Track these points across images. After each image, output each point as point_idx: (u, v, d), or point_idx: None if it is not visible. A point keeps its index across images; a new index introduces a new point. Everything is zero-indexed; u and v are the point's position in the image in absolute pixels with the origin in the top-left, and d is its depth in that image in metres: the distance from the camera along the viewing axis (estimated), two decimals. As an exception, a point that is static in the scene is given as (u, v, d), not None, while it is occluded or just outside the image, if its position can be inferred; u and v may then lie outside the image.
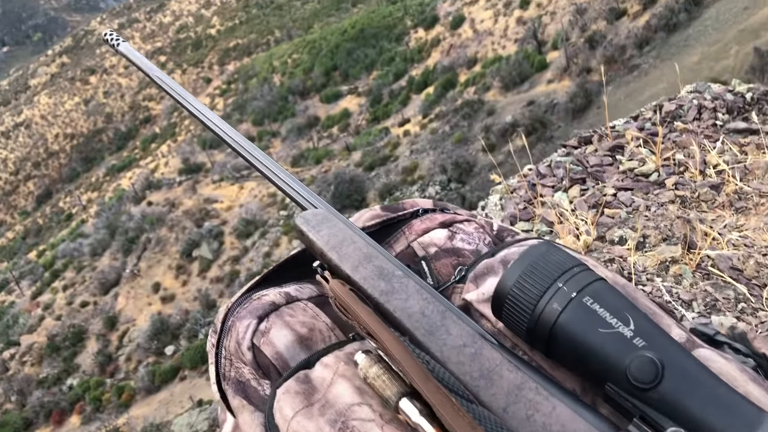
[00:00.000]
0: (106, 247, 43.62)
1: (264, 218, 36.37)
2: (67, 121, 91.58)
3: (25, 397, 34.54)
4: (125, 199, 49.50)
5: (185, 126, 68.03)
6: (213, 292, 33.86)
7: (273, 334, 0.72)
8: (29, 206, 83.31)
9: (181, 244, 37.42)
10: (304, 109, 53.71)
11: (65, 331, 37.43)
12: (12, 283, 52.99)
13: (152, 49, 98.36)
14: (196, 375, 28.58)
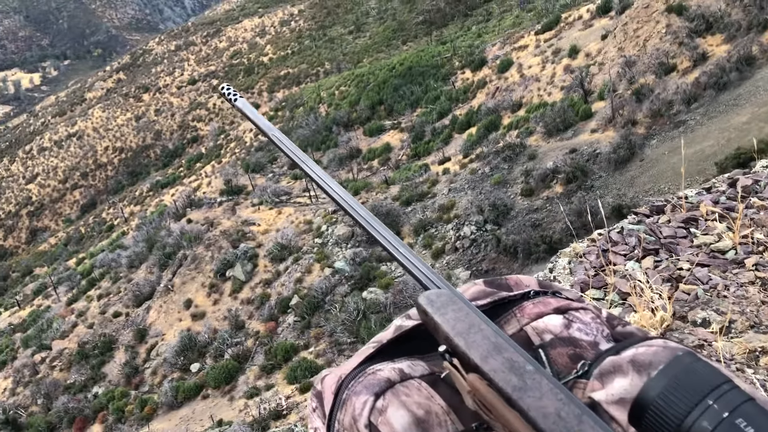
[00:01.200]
0: (144, 260, 44.47)
1: (299, 244, 36.74)
2: (118, 135, 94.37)
3: (51, 402, 35.09)
4: (166, 215, 50.54)
5: (230, 148, 69.47)
6: (243, 313, 34.16)
7: (390, 413, 0.71)
8: (73, 214, 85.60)
9: (216, 263, 37.95)
10: (347, 140, 54.45)
11: (96, 340, 38.09)
12: (50, 288, 54.27)
13: (206, 72, 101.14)
14: (218, 395, 28.73)
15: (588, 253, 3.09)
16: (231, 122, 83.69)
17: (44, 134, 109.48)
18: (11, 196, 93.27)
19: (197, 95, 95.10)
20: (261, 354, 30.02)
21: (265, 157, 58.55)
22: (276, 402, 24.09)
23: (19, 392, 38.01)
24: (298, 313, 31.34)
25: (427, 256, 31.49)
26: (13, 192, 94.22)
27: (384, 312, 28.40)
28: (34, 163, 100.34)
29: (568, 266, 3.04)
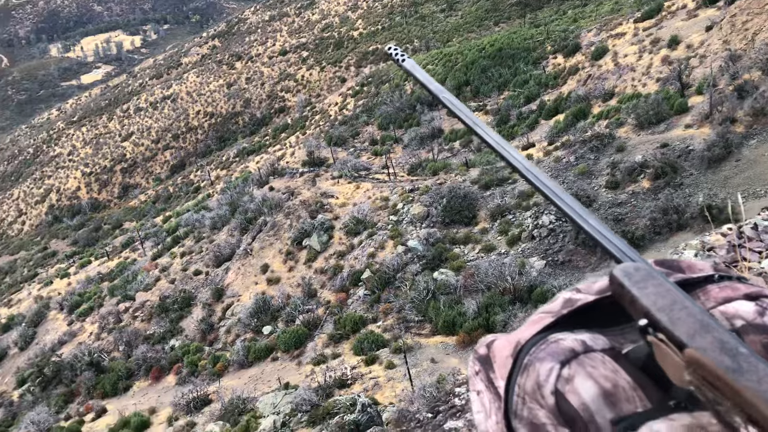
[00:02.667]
0: (226, 223, 46.06)
1: (374, 220, 37.10)
2: (209, 100, 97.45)
3: (131, 349, 37.14)
4: (250, 181, 52.03)
5: (315, 121, 70.56)
6: (316, 282, 34.93)
7: (578, 383, 0.72)
8: (163, 174, 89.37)
9: (294, 231, 38.87)
10: (429, 119, 54.24)
11: (176, 295, 39.90)
12: (137, 243, 57.11)
13: (296, 44, 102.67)
14: (287, 359, 29.61)
15: (718, 247, 2.95)
16: (317, 95, 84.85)
17: (141, 95, 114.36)
18: (107, 152, 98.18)
19: (287, 66, 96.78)
20: (330, 323, 30.69)
21: (348, 131, 59.17)
22: (341, 371, 24.63)
23: (103, 338, 40.39)
24: (368, 287, 31.78)
25: (502, 242, 31.18)
26: (109, 148, 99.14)
27: (453, 294, 28.41)
28: (130, 122, 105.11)
29: (695, 259, 2.89)
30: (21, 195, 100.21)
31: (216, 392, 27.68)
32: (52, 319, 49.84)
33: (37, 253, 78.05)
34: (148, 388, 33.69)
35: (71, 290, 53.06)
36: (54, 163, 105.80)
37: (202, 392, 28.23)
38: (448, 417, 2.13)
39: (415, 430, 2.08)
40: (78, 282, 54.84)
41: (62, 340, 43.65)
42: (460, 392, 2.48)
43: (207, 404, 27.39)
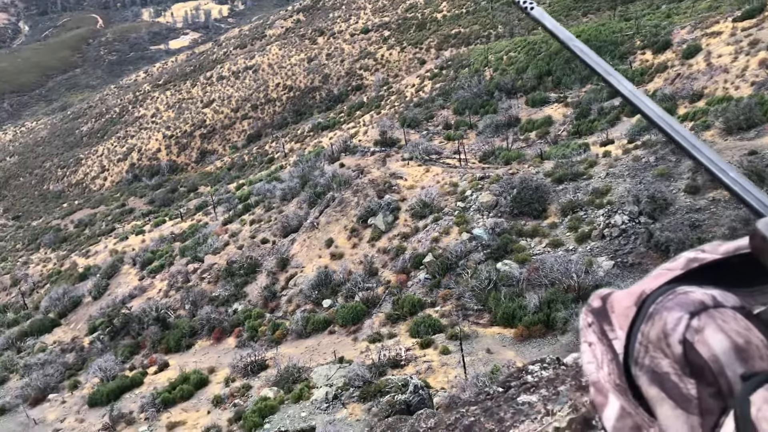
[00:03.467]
0: (295, 195, 46.86)
1: (441, 205, 36.95)
2: (290, 73, 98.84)
3: (196, 309, 38.46)
4: (322, 156, 52.66)
5: (390, 101, 70.56)
6: (378, 261, 35.16)
7: (708, 334, 0.70)
8: (240, 142, 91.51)
9: (360, 209, 39.18)
10: (507, 107, 53.35)
11: (243, 261, 40.99)
12: (210, 207, 58.85)
13: (379, 23, 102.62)
14: (344, 333, 30.03)
15: None
16: (395, 75, 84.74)
17: (224, 64, 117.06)
18: (189, 117, 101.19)
19: (368, 44, 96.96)
20: (389, 303, 30.89)
21: (422, 114, 58.91)
22: (396, 351, 24.81)
23: (171, 295, 41.98)
24: (429, 271, 31.76)
25: (570, 238, 30.52)
26: (190, 113, 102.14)
27: (515, 287, 28.06)
28: (212, 90, 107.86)
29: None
30: (105, 152, 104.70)
31: (273, 359, 28.39)
32: (124, 273, 52.13)
33: (116, 209, 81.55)
34: (209, 347, 34.87)
35: (145, 247, 55.28)
36: (138, 124, 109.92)
37: (260, 357, 29.01)
38: (521, 392, 2.13)
39: (485, 401, 2.08)
40: (152, 240, 57.07)
41: (133, 294, 45.64)
42: (533, 370, 2.46)
43: (263, 369, 28.14)
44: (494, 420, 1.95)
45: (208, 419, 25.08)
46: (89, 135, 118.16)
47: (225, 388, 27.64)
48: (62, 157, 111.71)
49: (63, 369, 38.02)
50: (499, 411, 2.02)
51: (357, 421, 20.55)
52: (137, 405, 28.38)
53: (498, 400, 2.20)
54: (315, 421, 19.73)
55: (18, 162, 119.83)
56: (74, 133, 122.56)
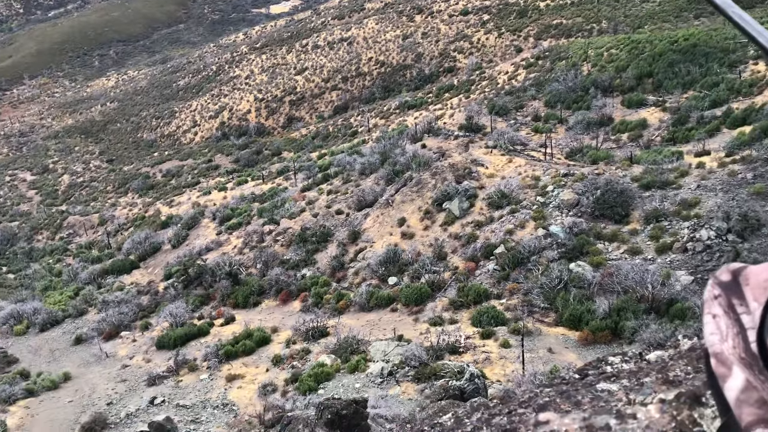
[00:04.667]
0: (374, 170, 47.13)
1: (519, 197, 36.32)
2: (383, 49, 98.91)
3: (267, 269, 39.49)
4: (405, 135, 52.64)
5: (481, 86, 69.60)
6: (448, 246, 35.02)
7: None
8: (326, 113, 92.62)
9: (437, 192, 39.02)
10: (601, 105, 51.64)
11: (316, 228, 41.69)
12: (291, 173, 60.02)
13: (479, 6, 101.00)
14: (405, 312, 30.16)
15: None
16: (489, 61, 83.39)
17: (321, 33, 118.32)
18: (280, 82, 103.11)
19: (465, 27, 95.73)
20: (454, 289, 30.76)
21: (512, 102, 57.84)
22: (456, 338, 24.73)
23: (245, 253, 43.24)
24: (499, 262, 31.38)
25: (650, 247, 29.44)
26: (283, 79, 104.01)
27: (586, 289, 27.36)
28: (306, 58, 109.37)
29: None
30: (198, 108, 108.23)
31: (334, 327, 28.87)
32: (203, 226, 54.03)
33: (202, 164, 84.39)
34: (274, 308, 35.81)
35: (225, 204, 57.07)
36: (232, 84, 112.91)
37: (322, 324, 29.56)
38: (600, 380, 2.08)
39: (560, 386, 2.04)
40: (232, 197, 58.84)
41: (209, 247, 47.30)
42: (613, 361, 2.40)
43: (324, 336, 28.68)
44: (571, 402, 1.90)
45: (265, 377, 25.82)
46: (185, 90, 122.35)
47: (285, 349, 28.34)
48: (158, 108, 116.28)
49: (137, 309, 39.97)
50: (577, 395, 1.96)
51: (409, 399, 20.67)
52: (201, 353, 29.51)
53: (575, 386, 2.14)
54: (368, 393, 19.97)
55: (117, 108, 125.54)
56: (171, 86, 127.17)
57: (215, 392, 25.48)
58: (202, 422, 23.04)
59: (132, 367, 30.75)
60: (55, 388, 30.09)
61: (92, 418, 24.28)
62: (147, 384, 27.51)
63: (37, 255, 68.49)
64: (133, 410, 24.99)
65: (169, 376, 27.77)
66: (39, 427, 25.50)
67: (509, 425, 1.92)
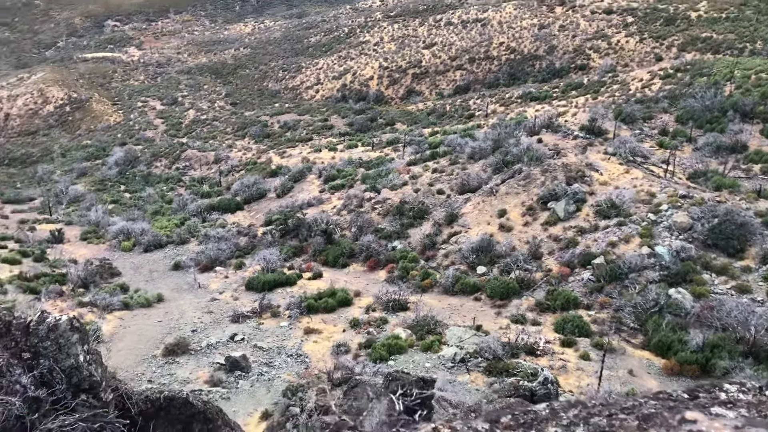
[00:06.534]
0: (483, 157, 46.52)
1: (630, 211, 34.80)
2: (517, 36, 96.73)
3: (360, 234, 40.09)
4: (522, 126, 51.53)
5: (611, 90, 66.82)
6: (545, 247, 34.19)
7: None
8: (447, 91, 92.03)
9: (544, 190, 38.06)
10: (737, 131, 48.33)
11: (415, 204, 41.80)
12: (400, 145, 60.29)
13: (625, 6, 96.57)
14: (488, 304, 29.83)
15: None
16: (625, 65, 79.79)
17: (457, 11, 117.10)
18: (407, 53, 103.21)
19: (606, 26, 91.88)
20: (543, 291, 30.08)
21: (641, 112, 55.19)
22: (535, 339, 24.25)
23: (342, 215, 44.07)
24: (595, 273, 30.33)
25: (762, 289, 27.51)
26: (410, 51, 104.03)
27: (682, 318, 26.00)
28: (437, 33, 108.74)
29: None
30: (324, 66, 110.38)
31: (415, 304, 29.01)
32: (309, 181, 55.47)
33: (318, 122, 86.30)
34: (361, 273, 36.40)
35: (333, 164, 58.24)
36: (360, 48, 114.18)
37: (404, 298, 29.78)
38: (714, 404, 1.97)
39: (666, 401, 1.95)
40: (340, 159, 59.94)
41: (310, 203, 48.56)
42: (729, 389, 2.27)
43: (403, 310, 28.89)
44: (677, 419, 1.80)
45: (341, 336, 26.39)
46: (315, 47, 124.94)
47: (364, 315, 28.80)
48: (286, 61, 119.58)
49: (234, 248, 41.77)
50: (685, 412, 1.85)
51: (477, 390, 20.53)
52: (285, 302, 30.50)
53: (685, 404, 2.03)
54: (437, 375, 19.98)
55: (249, 55, 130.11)
56: (303, 41, 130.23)
57: (291, 341, 26.32)
58: (275, 367, 23.90)
59: (220, 301, 32.24)
60: (149, 306, 32.10)
61: (176, 341, 25.73)
62: (231, 320, 28.78)
63: (154, 180, 72.81)
64: (214, 342, 26.26)
65: (252, 317, 28.93)
66: (128, 339, 27.32)
67: (608, 427, 1.84)
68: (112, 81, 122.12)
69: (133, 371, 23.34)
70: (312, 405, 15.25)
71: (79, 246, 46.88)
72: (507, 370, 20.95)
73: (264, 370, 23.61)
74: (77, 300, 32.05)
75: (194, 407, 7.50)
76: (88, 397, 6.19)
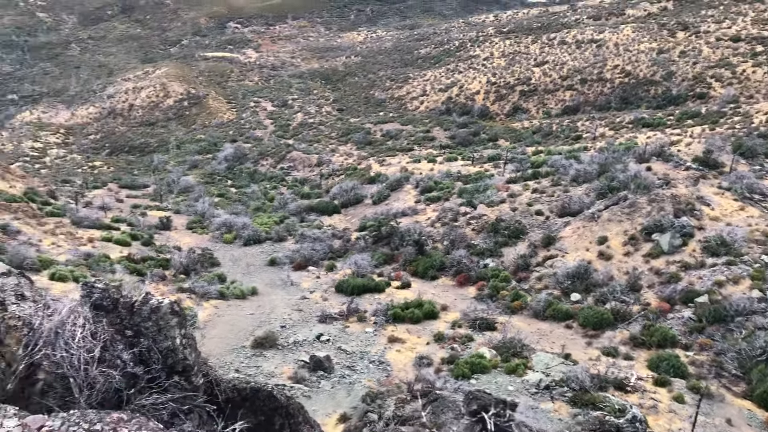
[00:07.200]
0: (587, 180, 45.17)
1: (742, 250, 32.72)
2: (633, 59, 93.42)
3: (452, 248, 39.85)
4: (631, 152, 49.62)
5: (732, 122, 63.25)
6: (644, 279, 32.68)
7: None
8: (555, 111, 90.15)
9: (649, 220, 36.45)
10: None
11: (511, 223, 41.12)
12: (501, 161, 59.56)
13: (756, 34, 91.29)
14: (579, 333, 28.85)
15: None
16: (750, 96, 75.31)
17: (571, 30, 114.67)
18: (516, 70, 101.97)
19: (732, 54, 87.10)
20: (639, 325, 28.75)
21: (764, 146, 51.81)
22: (626, 375, 23.21)
23: (436, 227, 44.00)
24: (697, 312, 28.68)
25: None
26: (520, 67, 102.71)
27: (791, 372, 24.08)
28: (549, 51, 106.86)
29: None
30: (431, 78, 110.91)
31: (503, 325, 28.48)
32: (405, 191, 55.82)
33: (420, 133, 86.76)
34: (449, 287, 36.16)
35: (431, 175, 58.32)
36: (469, 62, 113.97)
37: (491, 317, 29.31)
38: None
39: None
40: (439, 171, 59.95)
41: (405, 212, 48.81)
42: None
43: (490, 329, 28.42)
44: None
45: (424, 349, 26.29)
46: (424, 58, 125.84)
47: (449, 329, 28.57)
48: (394, 71, 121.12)
49: (327, 250, 42.62)
50: None
51: (559, 420, 19.88)
52: (372, 308, 30.76)
53: None
54: (519, 400, 19.49)
55: (359, 63, 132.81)
56: (412, 52, 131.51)
57: (375, 348, 26.48)
58: (357, 371, 24.12)
59: (309, 300, 32.94)
60: (243, 298, 33.26)
61: (265, 335, 26.49)
62: (318, 320, 29.33)
63: (258, 178, 75.60)
64: (301, 339, 26.84)
65: (338, 319, 29.36)
66: (221, 327, 28.41)
67: None
68: (229, 80, 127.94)
69: (222, 359, 24.21)
70: (390, 413, 15.25)
71: (184, 234, 49.33)
72: (593, 403, 20.16)
73: (346, 372, 23.88)
74: (178, 285, 33.68)
75: (278, 401, 7.67)
76: (181, 379, 6.47)
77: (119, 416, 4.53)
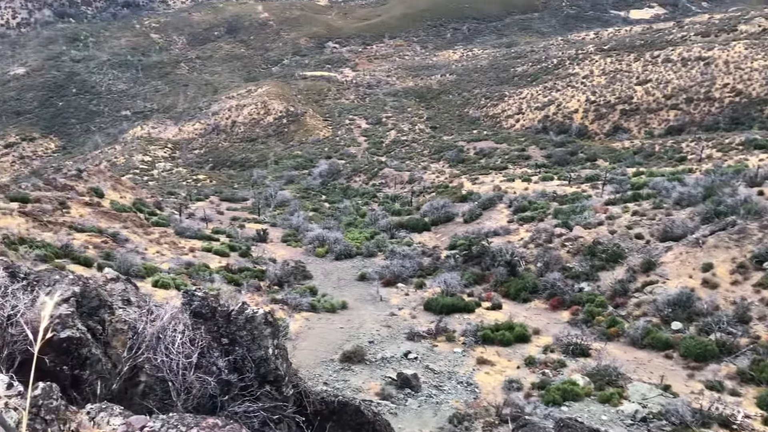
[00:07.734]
0: (692, 204, 43.02)
1: None
2: (745, 77, 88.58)
3: (546, 270, 38.85)
4: (741, 176, 46.90)
5: None
6: (754, 311, 30.57)
7: None
8: (657, 131, 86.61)
9: (761, 247, 34.16)
10: None
11: (609, 246, 39.64)
12: (600, 182, 57.73)
13: None
14: (681, 364, 27.31)
15: None
16: None
17: (677, 48, 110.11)
18: (617, 89, 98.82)
19: None
20: (747, 359, 26.90)
21: None
22: (732, 411, 21.74)
23: (529, 248, 43.07)
24: (816, 349, 26.50)
25: None
26: (621, 86, 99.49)
27: None
28: (652, 69, 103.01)
29: None
30: (527, 96, 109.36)
31: (597, 351, 27.42)
32: (497, 210, 55.07)
33: (515, 151, 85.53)
34: (542, 310, 35.21)
35: (525, 195, 57.31)
36: (567, 80, 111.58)
37: (586, 343, 28.27)
38: None
39: None
40: (533, 191, 58.79)
41: (497, 231, 48.11)
42: None
43: (584, 356, 27.42)
44: None
45: (514, 373, 25.68)
46: (521, 76, 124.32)
47: (541, 354, 27.78)
48: (490, 89, 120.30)
49: (417, 267, 42.58)
50: None
51: (656, 455, 18.86)
52: (461, 328, 30.39)
53: None
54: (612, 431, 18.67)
55: (453, 81, 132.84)
56: (509, 70, 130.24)
57: (463, 368, 26.11)
58: (444, 391, 23.85)
59: (398, 317, 32.96)
60: (333, 311, 33.72)
61: (354, 349, 26.71)
62: (406, 337, 29.27)
63: (351, 193, 76.86)
64: (388, 356, 26.86)
65: (427, 338, 29.18)
66: (311, 339, 28.89)
67: None
68: (326, 98, 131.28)
69: (311, 371, 24.58)
70: (477, 437, 14.95)
71: (279, 247, 50.74)
72: (695, 440, 19.00)
73: (433, 392, 23.66)
74: (271, 296, 34.60)
75: (365, 416, 7.67)
76: (272, 388, 6.59)
77: (214, 421, 4.66)
